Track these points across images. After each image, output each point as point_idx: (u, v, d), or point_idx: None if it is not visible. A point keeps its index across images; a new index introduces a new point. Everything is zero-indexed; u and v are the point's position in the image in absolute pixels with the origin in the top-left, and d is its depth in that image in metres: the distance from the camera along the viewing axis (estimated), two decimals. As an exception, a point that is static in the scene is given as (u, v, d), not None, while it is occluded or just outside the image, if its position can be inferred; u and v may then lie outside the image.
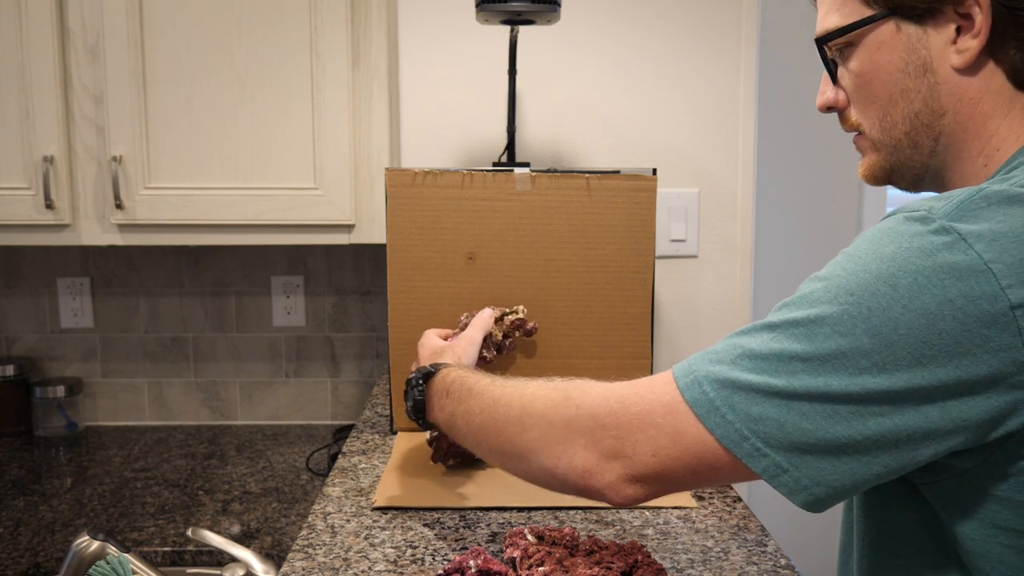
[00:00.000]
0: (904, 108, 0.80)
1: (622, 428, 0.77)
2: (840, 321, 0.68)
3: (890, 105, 0.81)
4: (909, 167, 0.83)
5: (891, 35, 0.79)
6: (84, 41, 1.65)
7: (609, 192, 1.36)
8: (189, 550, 1.43)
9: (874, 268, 0.68)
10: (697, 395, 0.73)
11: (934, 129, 0.80)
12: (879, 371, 0.67)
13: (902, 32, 0.78)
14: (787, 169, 2.13)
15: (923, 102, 0.79)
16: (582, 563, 0.89)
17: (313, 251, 2.03)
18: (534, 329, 1.33)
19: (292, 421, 2.08)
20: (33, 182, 1.66)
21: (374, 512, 1.10)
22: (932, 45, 0.77)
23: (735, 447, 0.71)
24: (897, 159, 0.83)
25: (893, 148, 0.83)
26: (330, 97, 1.66)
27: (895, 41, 0.78)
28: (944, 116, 0.79)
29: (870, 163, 0.86)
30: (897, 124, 0.81)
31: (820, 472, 0.69)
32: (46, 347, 2.05)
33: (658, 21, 1.71)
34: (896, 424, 0.67)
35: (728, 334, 0.77)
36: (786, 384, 0.69)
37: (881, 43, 0.79)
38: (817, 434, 0.69)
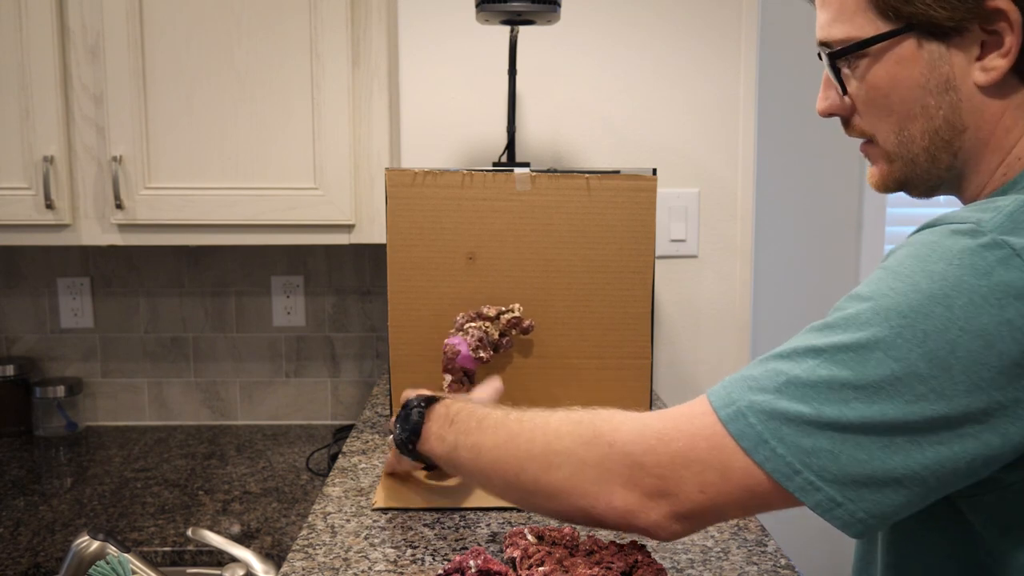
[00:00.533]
0: (923, 124, 0.78)
1: (664, 467, 0.73)
2: (893, 345, 0.65)
3: (908, 120, 0.78)
4: (925, 179, 0.81)
5: (911, 51, 0.76)
6: (84, 41, 1.65)
7: (609, 192, 1.36)
8: (189, 550, 1.43)
9: (925, 287, 0.66)
10: (743, 427, 0.70)
11: (953, 145, 0.78)
12: (937, 397, 0.64)
13: (923, 48, 0.75)
14: (787, 169, 2.13)
15: (944, 119, 0.77)
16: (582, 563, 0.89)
17: (313, 251, 2.03)
18: (531, 327, 1.33)
19: (292, 421, 2.08)
20: (33, 182, 1.66)
21: (374, 512, 1.10)
22: (955, 62, 0.75)
23: (786, 481, 0.68)
24: (913, 171, 0.81)
25: (910, 161, 0.80)
26: (330, 97, 1.66)
27: (916, 57, 0.76)
28: (965, 132, 0.77)
29: (883, 173, 0.84)
30: (915, 139, 0.79)
31: (876, 504, 0.67)
32: (46, 347, 2.05)
33: (658, 21, 1.71)
34: (955, 451, 0.65)
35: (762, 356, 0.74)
36: (839, 414, 0.66)
37: (900, 58, 0.76)
38: (873, 465, 0.66)
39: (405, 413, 0.99)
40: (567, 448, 0.79)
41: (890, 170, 0.83)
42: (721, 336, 1.79)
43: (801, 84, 2.09)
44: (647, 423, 0.76)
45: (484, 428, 0.88)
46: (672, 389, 1.83)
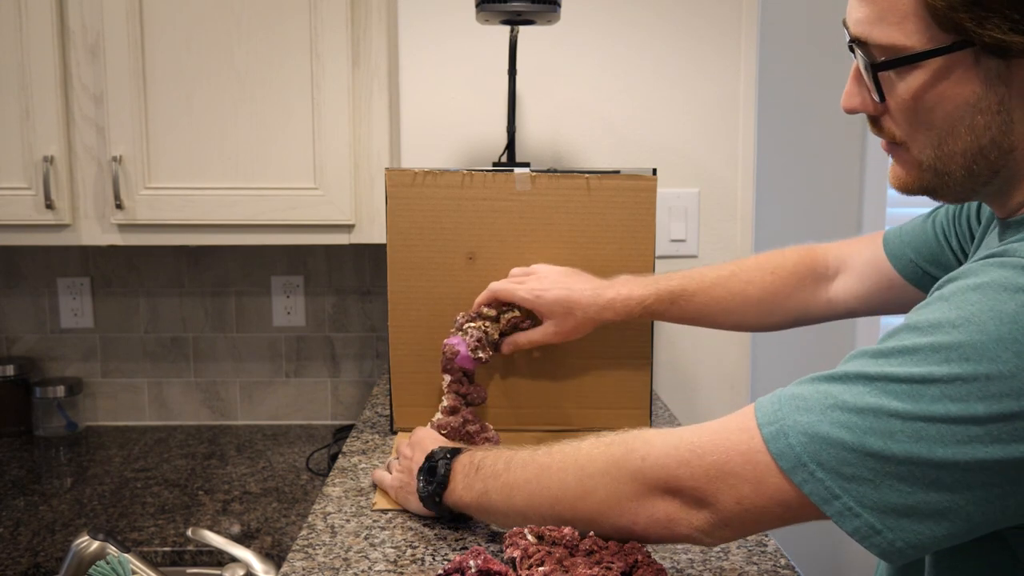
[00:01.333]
0: (968, 142, 0.72)
1: (698, 479, 0.73)
2: (952, 385, 0.63)
3: (951, 136, 0.72)
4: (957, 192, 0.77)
5: (967, 67, 0.69)
6: (84, 41, 1.65)
7: (609, 192, 1.36)
8: (189, 550, 1.43)
9: (993, 330, 0.62)
10: (783, 448, 0.69)
11: (997, 164, 0.73)
12: (993, 441, 0.62)
13: (980, 65, 0.69)
14: (787, 169, 2.13)
15: (991, 139, 0.71)
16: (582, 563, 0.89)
17: (313, 251, 2.03)
18: (531, 327, 1.33)
19: (292, 421, 2.08)
20: (33, 182, 1.66)
21: (374, 512, 1.10)
22: (1014, 82, 0.69)
23: (824, 505, 0.67)
24: (944, 183, 0.76)
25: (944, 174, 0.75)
26: (330, 97, 1.66)
27: (970, 75, 0.69)
28: (1013, 152, 0.72)
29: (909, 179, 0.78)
30: (955, 156, 0.73)
31: (917, 535, 0.65)
32: (46, 347, 2.05)
33: (658, 21, 1.71)
34: (1007, 492, 0.63)
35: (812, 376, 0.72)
36: (883, 447, 0.64)
37: (952, 73, 0.70)
38: (915, 498, 0.64)
39: (430, 466, 0.99)
40: (600, 470, 0.79)
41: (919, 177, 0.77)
42: (721, 336, 1.79)
43: (801, 84, 2.09)
44: (681, 436, 0.76)
45: (512, 468, 0.88)
46: (672, 389, 1.83)
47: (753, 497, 0.71)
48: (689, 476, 0.74)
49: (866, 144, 2.13)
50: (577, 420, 1.40)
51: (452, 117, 1.72)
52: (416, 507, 1.05)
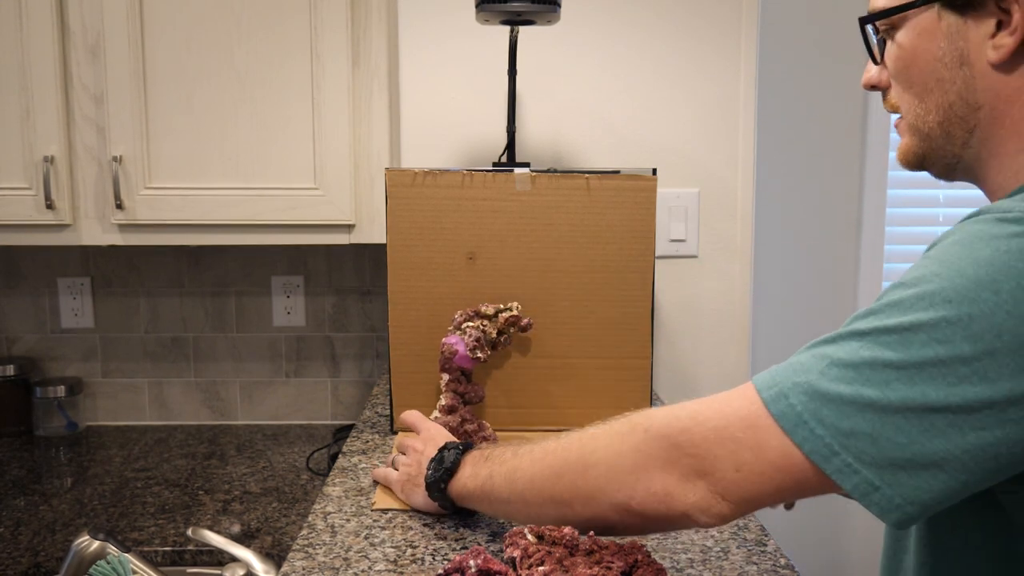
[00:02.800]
0: (939, 98, 0.79)
1: (698, 445, 0.74)
2: (937, 328, 0.65)
3: (925, 93, 0.80)
4: (941, 156, 0.82)
5: (932, 22, 0.78)
6: (84, 41, 1.65)
7: (609, 192, 1.36)
8: (189, 550, 1.43)
9: (971, 273, 0.65)
10: (783, 408, 0.70)
11: (968, 122, 0.78)
12: (980, 380, 0.64)
13: (943, 21, 0.77)
14: (787, 169, 2.13)
15: (957, 94, 0.77)
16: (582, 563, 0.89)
17: (313, 251, 2.03)
18: (529, 325, 1.33)
19: (292, 421, 2.08)
20: (33, 182, 1.67)
21: (374, 512, 1.10)
22: (971, 38, 0.76)
23: (824, 463, 0.68)
24: (929, 147, 0.82)
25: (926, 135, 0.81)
26: (330, 97, 1.66)
27: (935, 29, 0.77)
28: (979, 110, 0.77)
29: (905, 146, 0.85)
30: (931, 112, 0.80)
31: (914, 490, 0.66)
32: (46, 347, 2.05)
33: (658, 21, 1.71)
34: (997, 436, 0.64)
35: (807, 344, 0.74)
36: (879, 395, 0.66)
37: (922, 29, 0.78)
38: (912, 449, 0.66)
39: (440, 455, 1.02)
40: (603, 444, 0.81)
41: (910, 144, 0.83)
42: (721, 336, 1.79)
43: (801, 84, 2.09)
44: (683, 406, 0.77)
45: (520, 455, 0.90)
46: (672, 389, 1.83)
47: (753, 462, 0.72)
48: (689, 442, 0.74)
49: (866, 144, 2.13)
50: (576, 420, 1.39)
51: (452, 117, 1.72)
52: (421, 501, 1.05)
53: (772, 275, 2.16)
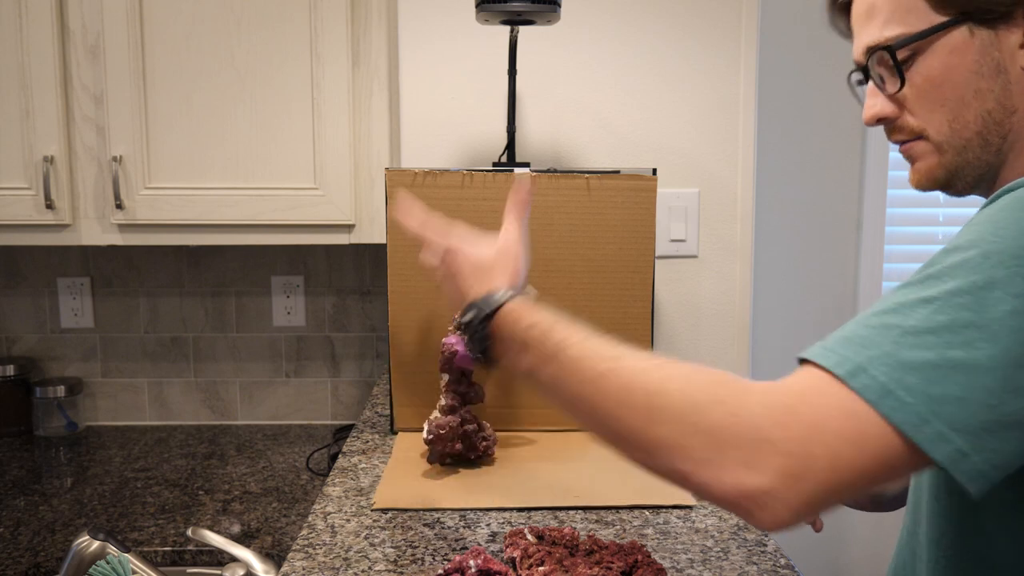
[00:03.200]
0: (977, 108, 0.81)
1: (794, 442, 0.67)
2: (1012, 283, 0.66)
3: (962, 106, 0.82)
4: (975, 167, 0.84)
5: (964, 39, 0.80)
6: (84, 41, 1.65)
7: (609, 192, 1.36)
8: (189, 550, 1.43)
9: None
10: (866, 382, 0.67)
11: (1004, 127, 0.81)
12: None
13: (975, 36, 0.80)
14: (787, 169, 2.13)
15: (996, 100, 0.81)
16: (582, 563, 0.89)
17: (313, 251, 2.03)
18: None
19: (292, 421, 2.08)
20: (33, 182, 1.67)
21: (374, 512, 1.10)
22: (1004, 47, 0.80)
23: (915, 432, 0.65)
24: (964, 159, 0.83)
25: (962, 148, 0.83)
26: (330, 97, 1.66)
27: (968, 45, 0.80)
28: (1015, 114, 0.81)
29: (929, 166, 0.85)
30: (969, 124, 0.82)
31: (999, 454, 0.65)
32: (46, 347, 2.05)
33: (658, 21, 1.71)
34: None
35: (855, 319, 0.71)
36: (966, 356, 0.65)
37: (953, 47, 0.81)
38: (1001, 409, 0.65)
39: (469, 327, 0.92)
40: (677, 406, 0.72)
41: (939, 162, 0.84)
42: (721, 336, 1.79)
43: (801, 84, 2.10)
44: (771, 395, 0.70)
45: (561, 359, 0.81)
46: (672, 389, 1.82)
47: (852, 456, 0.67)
48: (784, 439, 0.68)
49: (866, 144, 2.13)
50: (577, 420, 1.39)
51: (452, 117, 1.72)
52: None
53: (772, 275, 2.16)
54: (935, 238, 2.23)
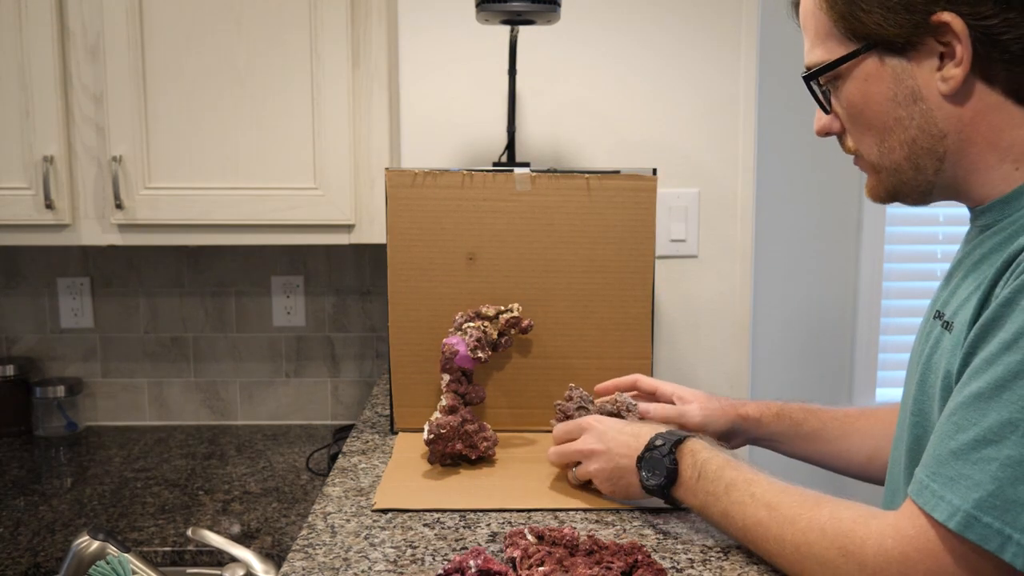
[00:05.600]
0: (900, 135, 0.82)
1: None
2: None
3: (885, 132, 0.83)
4: (913, 186, 0.85)
5: (876, 68, 0.81)
6: (84, 41, 1.65)
7: (609, 192, 1.36)
8: (189, 550, 1.43)
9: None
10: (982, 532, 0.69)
11: (937, 150, 0.81)
12: None
13: (886, 64, 0.80)
14: (787, 169, 2.13)
15: (918, 128, 0.81)
16: (582, 563, 0.89)
17: (313, 251, 2.03)
18: (530, 326, 1.33)
19: (292, 421, 2.08)
20: (33, 182, 1.67)
21: (374, 512, 1.10)
22: (918, 75, 0.79)
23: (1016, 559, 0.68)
24: (899, 180, 0.85)
25: (894, 171, 0.85)
26: (330, 97, 1.66)
27: (881, 73, 0.81)
28: (946, 138, 0.80)
29: (872, 185, 0.89)
30: (895, 149, 0.83)
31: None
32: (46, 347, 2.05)
33: (658, 21, 1.71)
34: None
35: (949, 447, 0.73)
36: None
37: (868, 76, 0.82)
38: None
39: (652, 456, 1.00)
40: (817, 557, 0.80)
41: (879, 180, 0.87)
42: (721, 336, 1.79)
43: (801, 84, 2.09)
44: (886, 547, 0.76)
45: (732, 501, 0.91)
46: (672, 389, 1.82)
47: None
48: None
49: (866, 144, 2.12)
50: (577, 420, 1.39)
51: (452, 117, 1.72)
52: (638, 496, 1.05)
53: (772, 275, 2.16)
54: (935, 238, 2.23)
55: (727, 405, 1.20)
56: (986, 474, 0.69)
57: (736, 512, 0.90)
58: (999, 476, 0.68)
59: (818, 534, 0.81)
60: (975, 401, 0.71)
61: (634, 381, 1.28)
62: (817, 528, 0.81)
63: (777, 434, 1.18)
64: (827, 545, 0.80)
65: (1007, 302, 0.72)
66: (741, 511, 0.89)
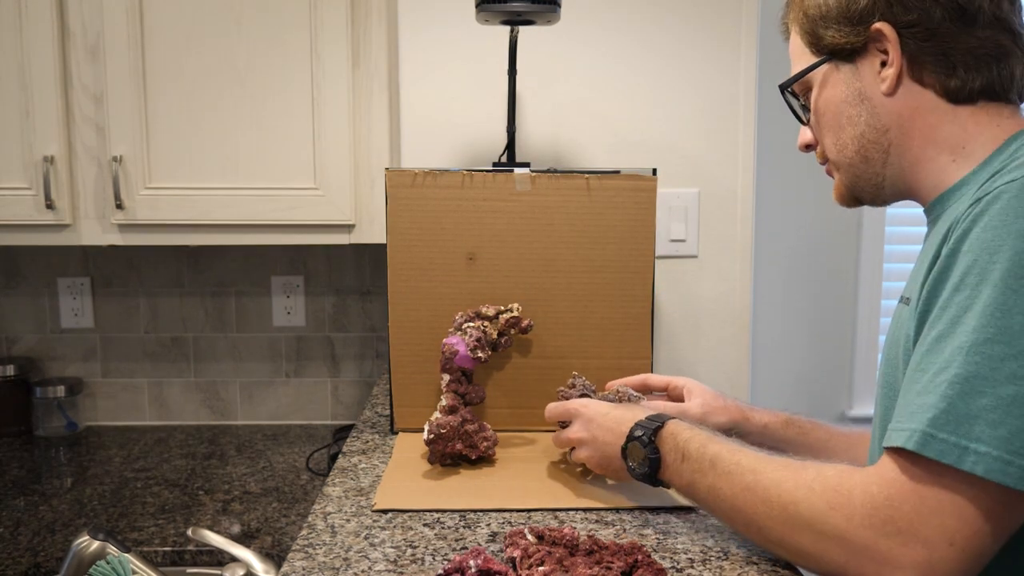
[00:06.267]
0: (851, 131, 0.95)
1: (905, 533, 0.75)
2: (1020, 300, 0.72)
3: (839, 130, 0.96)
4: (866, 179, 0.96)
5: (832, 74, 0.96)
6: (84, 41, 1.65)
7: (609, 192, 1.36)
8: (189, 550, 1.43)
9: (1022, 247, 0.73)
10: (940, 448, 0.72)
11: (882, 143, 0.93)
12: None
13: (840, 71, 0.95)
14: (787, 169, 2.13)
15: (866, 124, 0.94)
16: (582, 563, 0.90)
17: (313, 251, 2.03)
18: (530, 326, 1.33)
19: (292, 421, 2.08)
20: (33, 182, 1.67)
21: (374, 512, 1.10)
22: (864, 77, 0.93)
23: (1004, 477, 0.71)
24: (854, 174, 0.97)
25: (848, 166, 0.97)
26: (330, 97, 1.66)
27: (836, 79, 0.95)
28: (888, 131, 0.93)
29: (836, 184, 1.01)
30: (847, 145, 0.96)
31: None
32: (46, 347, 2.05)
33: (658, 21, 1.71)
34: None
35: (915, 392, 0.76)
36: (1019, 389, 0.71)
37: (825, 82, 0.96)
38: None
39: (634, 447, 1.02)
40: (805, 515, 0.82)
41: (839, 179, 1.00)
42: (721, 336, 1.79)
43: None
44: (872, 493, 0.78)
45: (718, 472, 0.92)
46: (672, 389, 1.82)
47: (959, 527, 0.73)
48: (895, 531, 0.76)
49: (866, 144, 2.12)
50: (577, 420, 1.39)
51: (452, 117, 1.72)
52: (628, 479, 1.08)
53: (772, 275, 2.16)
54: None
55: (732, 406, 1.22)
56: (936, 395, 0.74)
57: (724, 484, 0.91)
58: (948, 393, 0.73)
59: (805, 491, 0.83)
60: (935, 344, 0.77)
61: (643, 380, 1.29)
62: (805, 486, 0.83)
63: (783, 441, 1.19)
64: (815, 501, 0.82)
65: (950, 253, 0.79)
66: (728, 481, 0.91)
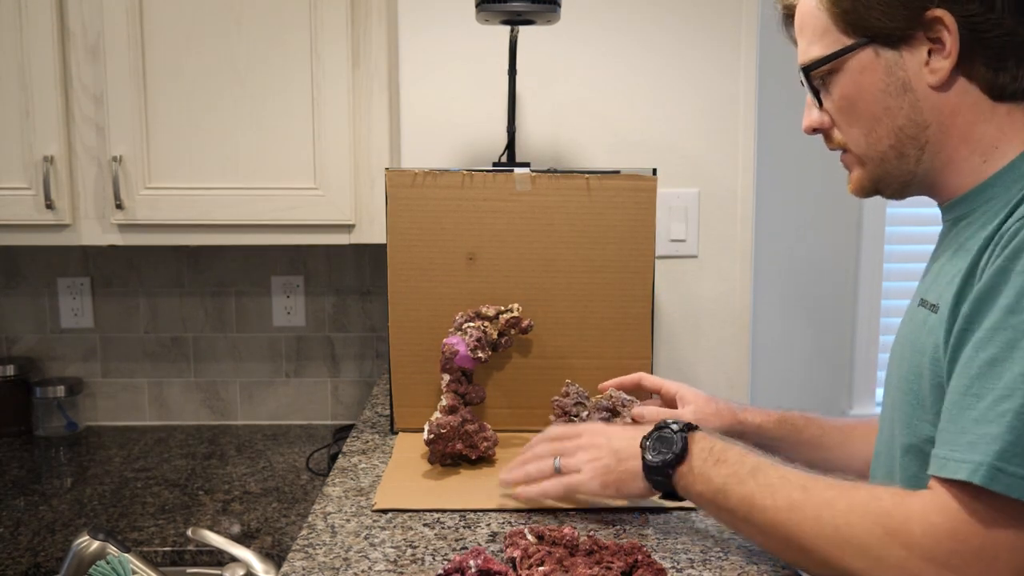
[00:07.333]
0: (888, 124, 0.88)
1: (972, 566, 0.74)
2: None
3: (875, 122, 0.89)
4: (896, 176, 0.91)
5: (871, 60, 0.87)
6: (84, 41, 1.65)
7: (609, 192, 1.36)
8: (189, 550, 1.43)
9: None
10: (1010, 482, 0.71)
11: (919, 140, 0.87)
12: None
13: (880, 57, 0.87)
14: (787, 169, 2.13)
15: (906, 117, 0.87)
16: (582, 563, 0.89)
17: (313, 251, 2.03)
18: (530, 326, 1.33)
19: (292, 421, 2.08)
20: (33, 182, 1.67)
21: (374, 512, 1.10)
22: (908, 67, 0.86)
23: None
24: (884, 170, 0.91)
25: (880, 160, 0.90)
26: (330, 97, 1.66)
27: (875, 65, 0.87)
28: (928, 128, 0.87)
29: (857, 177, 0.94)
30: (883, 139, 0.89)
31: None
32: (46, 347, 2.05)
33: (658, 21, 1.71)
34: None
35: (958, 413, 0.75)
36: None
37: (863, 68, 0.88)
38: None
39: (660, 435, 0.97)
40: (859, 539, 0.79)
41: (864, 172, 0.93)
42: (721, 336, 1.79)
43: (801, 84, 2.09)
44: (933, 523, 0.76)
45: (760, 483, 0.88)
46: (672, 389, 1.82)
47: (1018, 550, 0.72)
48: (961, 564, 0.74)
49: (866, 144, 2.12)
50: (577, 420, 1.39)
51: (452, 117, 1.72)
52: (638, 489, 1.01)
53: (772, 275, 2.16)
54: (935, 238, 2.22)
55: (725, 409, 1.19)
56: (1002, 426, 0.71)
57: (765, 495, 0.87)
58: (1015, 425, 0.70)
59: (859, 515, 0.80)
60: (989, 368, 0.74)
61: (638, 380, 1.27)
62: (859, 509, 0.80)
63: (778, 439, 1.17)
64: (869, 526, 0.79)
65: (1001, 271, 0.75)
66: (771, 493, 0.86)
